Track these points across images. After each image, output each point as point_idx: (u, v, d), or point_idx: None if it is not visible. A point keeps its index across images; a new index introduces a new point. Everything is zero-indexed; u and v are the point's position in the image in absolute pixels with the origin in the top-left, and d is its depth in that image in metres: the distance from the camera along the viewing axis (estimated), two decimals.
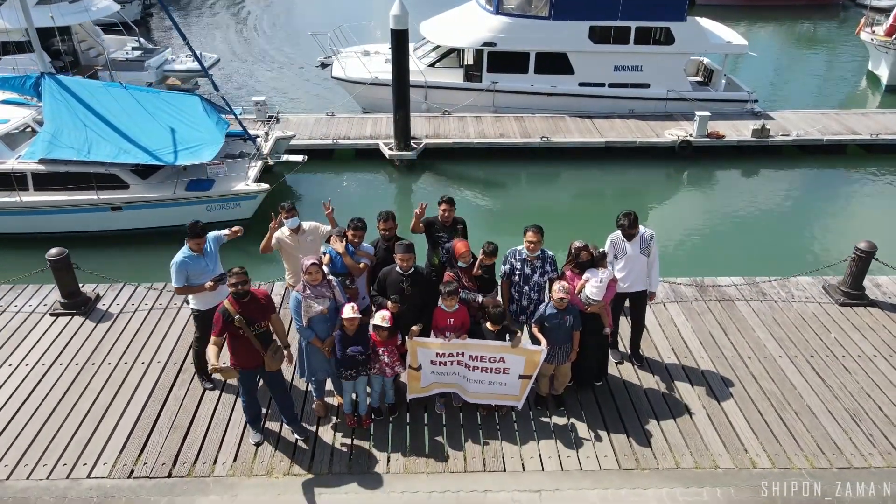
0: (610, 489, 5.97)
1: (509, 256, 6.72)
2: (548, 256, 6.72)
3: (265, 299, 5.96)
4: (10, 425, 6.62)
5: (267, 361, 5.93)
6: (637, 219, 6.86)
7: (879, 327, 8.21)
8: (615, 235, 6.98)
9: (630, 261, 6.92)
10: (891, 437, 6.55)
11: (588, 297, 6.39)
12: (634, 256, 6.91)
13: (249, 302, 5.75)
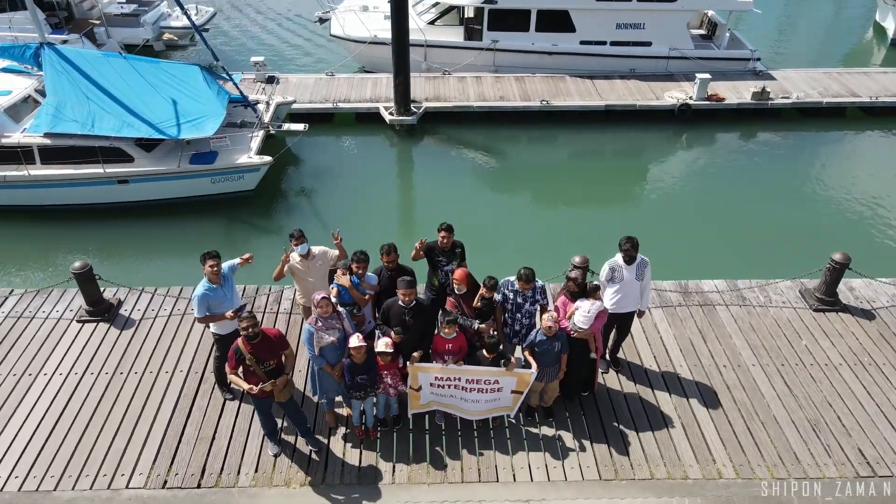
0: (590, 499, 6.73)
1: (503, 287, 7.24)
2: (538, 287, 7.25)
3: (276, 338, 6.51)
4: (52, 436, 7.34)
5: (275, 394, 6.55)
6: (638, 244, 7.32)
7: (848, 334, 8.82)
8: (615, 261, 7.45)
9: (626, 285, 7.46)
10: (846, 448, 7.27)
11: (575, 325, 6.96)
12: (630, 281, 7.45)
13: (260, 343, 6.31)
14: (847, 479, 6.95)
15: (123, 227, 15.78)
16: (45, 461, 7.06)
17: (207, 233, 16.02)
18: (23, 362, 8.30)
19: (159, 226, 16.15)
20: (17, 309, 9.09)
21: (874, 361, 8.40)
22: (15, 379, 8.04)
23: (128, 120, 16.35)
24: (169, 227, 16.23)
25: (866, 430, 7.47)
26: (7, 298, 9.26)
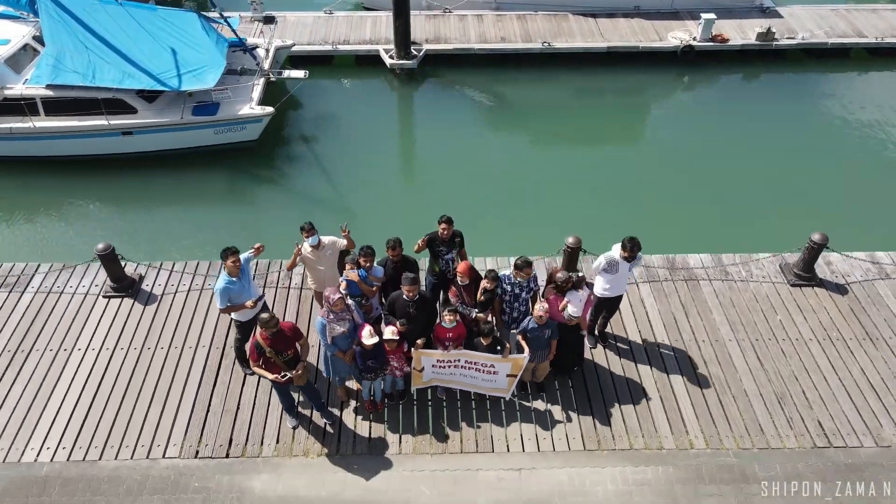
0: (576, 468, 7.59)
1: (501, 282, 7.81)
2: (527, 290, 7.83)
3: (290, 331, 7.16)
4: (91, 410, 8.14)
5: (295, 380, 7.27)
6: (640, 245, 7.79)
7: (821, 309, 9.47)
8: (613, 256, 7.90)
9: (619, 276, 8.02)
10: (806, 421, 8.08)
11: (570, 315, 7.59)
12: (623, 273, 8.01)
13: (277, 337, 6.96)
14: (805, 449, 7.80)
15: (129, 180, 16.17)
16: (88, 433, 7.88)
17: (212, 184, 16.48)
18: (57, 338, 9.01)
19: (164, 177, 16.53)
20: (45, 284, 9.71)
21: (842, 336, 9.10)
22: (52, 354, 8.78)
23: (128, 70, 16.44)
24: (174, 178, 16.62)
25: (827, 403, 8.26)
26: (34, 276, 9.86)
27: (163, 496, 7.28)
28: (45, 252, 13.40)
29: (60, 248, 13.46)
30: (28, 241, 13.82)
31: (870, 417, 8.09)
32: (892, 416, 8.11)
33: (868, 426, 8.00)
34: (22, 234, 14.18)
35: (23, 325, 9.16)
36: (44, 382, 8.44)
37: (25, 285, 9.68)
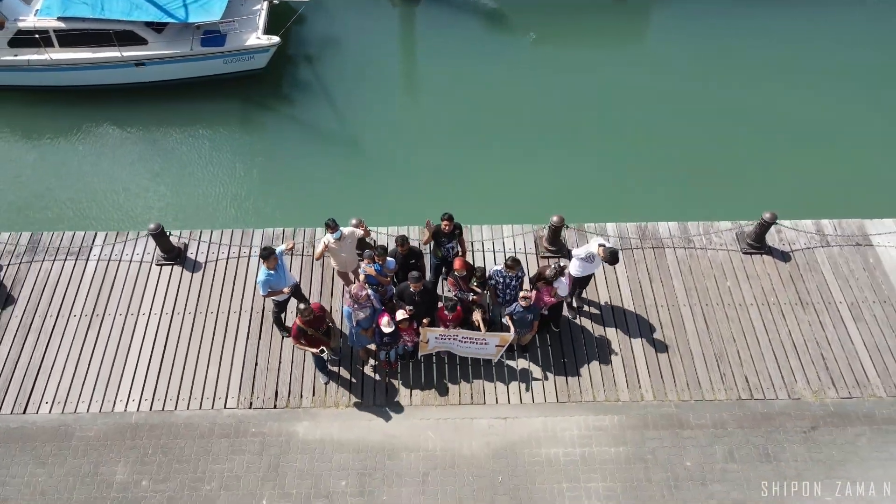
0: (549, 417, 9.67)
1: (495, 275, 9.44)
2: (515, 282, 9.46)
3: (320, 310, 8.94)
4: (162, 368, 10.10)
5: (331, 344, 9.15)
6: (618, 255, 9.35)
7: (764, 275, 11.16)
8: (592, 250, 9.45)
9: (594, 263, 9.64)
10: (736, 377, 10.06)
11: (559, 296, 9.33)
12: (598, 262, 9.61)
13: (313, 319, 8.74)
14: (731, 401, 9.85)
15: (145, 109, 17.35)
16: (163, 388, 9.90)
17: (224, 114, 17.63)
18: (123, 303, 10.80)
19: (177, 107, 17.64)
20: (104, 253, 11.33)
21: (778, 301, 10.86)
22: (122, 318, 10.61)
23: (135, 2, 17.06)
24: (187, 108, 17.72)
25: (755, 362, 10.20)
26: (92, 246, 11.44)
27: (228, 440, 9.42)
28: (74, 177, 15.14)
29: (87, 177, 15.22)
30: (57, 164, 15.47)
31: (787, 374, 10.07)
32: (806, 373, 10.08)
33: (784, 381, 10.00)
34: (51, 158, 15.78)
35: (93, 292, 10.93)
36: (119, 343, 10.35)
37: (87, 254, 11.32)
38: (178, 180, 15.38)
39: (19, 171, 15.91)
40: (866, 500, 9.00)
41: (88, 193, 15.10)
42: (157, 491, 8.98)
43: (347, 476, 9.12)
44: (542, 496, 8.94)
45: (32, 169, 15.93)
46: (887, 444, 9.41)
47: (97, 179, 15.47)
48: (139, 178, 15.50)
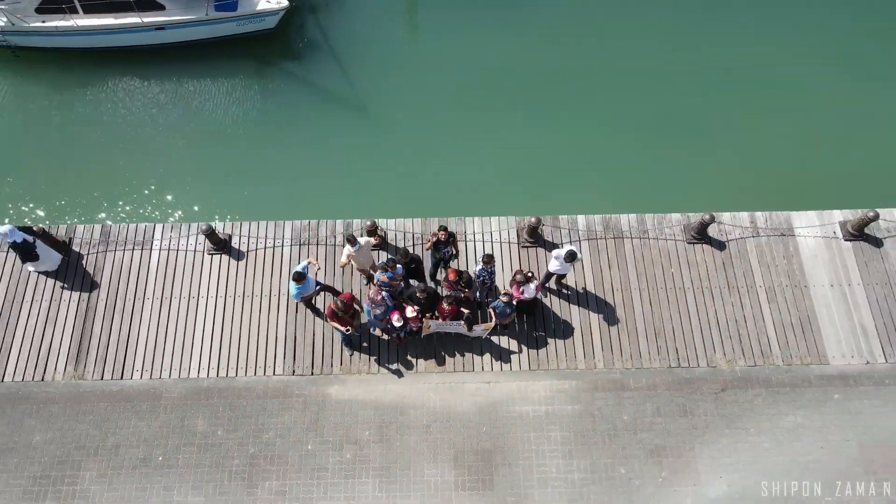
0: (522, 381, 12.63)
1: (480, 273, 12.01)
2: (492, 272, 12.05)
3: (350, 299, 11.62)
4: (223, 341, 12.93)
5: (355, 324, 11.95)
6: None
7: (702, 263, 13.69)
8: (564, 265, 11.98)
9: (568, 266, 12.17)
10: (669, 350, 12.91)
11: (526, 297, 11.99)
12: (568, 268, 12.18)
13: (344, 306, 11.46)
14: (663, 369, 12.77)
15: (167, 70, 19.15)
16: (225, 359, 12.80)
17: (238, 76, 19.42)
18: (185, 287, 13.45)
19: (196, 68, 19.41)
20: (164, 244, 13.80)
21: (710, 285, 13.50)
22: (185, 301, 13.31)
23: None
24: (204, 69, 19.46)
25: (686, 337, 13.02)
26: (153, 239, 13.87)
27: (279, 399, 12.45)
28: (114, 124, 17.78)
29: (119, 123, 17.76)
30: (95, 115, 17.83)
31: (709, 347, 12.93)
32: (723, 346, 12.94)
33: (706, 353, 12.88)
34: (91, 111, 18.06)
35: (159, 277, 13.54)
36: (186, 322, 13.13)
37: (151, 245, 13.80)
38: (218, 176, 17.48)
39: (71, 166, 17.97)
40: (757, 445, 12.17)
41: (140, 185, 17.30)
42: (230, 438, 12.14)
43: (370, 427, 12.24)
44: (514, 442, 12.11)
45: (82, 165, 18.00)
46: (777, 402, 12.45)
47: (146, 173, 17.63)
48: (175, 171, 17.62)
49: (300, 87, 19.28)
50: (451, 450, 12.05)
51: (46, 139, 18.10)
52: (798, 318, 13.21)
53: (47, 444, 12.06)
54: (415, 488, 11.72)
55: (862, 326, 13.10)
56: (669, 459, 12.01)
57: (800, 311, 13.27)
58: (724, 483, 11.81)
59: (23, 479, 11.77)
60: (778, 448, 12.09)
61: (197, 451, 12.04)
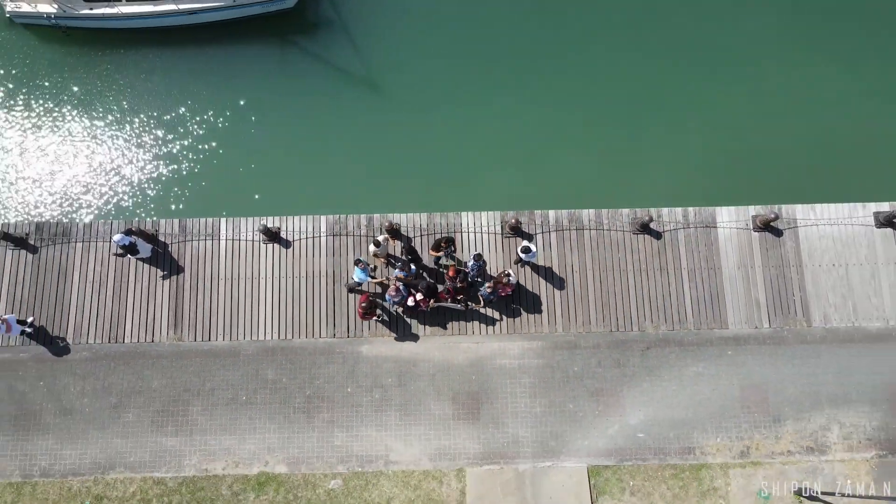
0: (502, 342, 17.30)
1: (473, 267, 16.25)
2: (482, 265, 16.30)
3: (365, 300, 16.05)
4: (281, 312, 17.41)
5: (378, 312, 16.46)
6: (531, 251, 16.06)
7: (643, 249, 17.83)
8: (520, 250, 16.17)
9: (532, 255, 16.39)
10: (612, 318, 17.42)
11: (507, 290, 16.35)
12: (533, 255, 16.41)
13: (370, 304, 15.92)
14: (607, 332, 17.38)
15: (203, 49, 22.38)
16: (284, 325, 17.37)
17: (264, 55, 22.58)
18: (248, 270, 17.70)
19: (227, 47, 22.52)
20: (228, 234, 17.85)
21: (646, 268, 17.74)
22: (250, 281, 17.62)
23: None
24: (234, 48, 22.54)
25: (625, 308, 17.50)
26: (219, 230, 17.87)
27: (325, 356, 17.18)
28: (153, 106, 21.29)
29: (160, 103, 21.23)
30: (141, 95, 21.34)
31: (641, 316, 17.45)
32: (651, 315, 17.45)
33: (638, 321, 17.43)
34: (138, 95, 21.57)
35: (228, 262, 17.76)
36: (252, 297, 17.54)
37: (218, 235, 17.85)
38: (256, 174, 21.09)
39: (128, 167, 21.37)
40: (667, 388, 17.09)
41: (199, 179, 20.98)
42: (291, 383, 17.01)
43: (391, 375, 17.08)
44: (495, 386, 16.99)
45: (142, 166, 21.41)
46: (685, 357, 17.20)
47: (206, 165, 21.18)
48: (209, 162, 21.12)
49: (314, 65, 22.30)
50: (449, 392, 16.98)
51: (99, 122, 21.53)
52: (709, 293, 17.64)
53: (163, 388, 16.96)
54: (424, 419, 16.78)
55: (756, 300, 17.57)
56: (604, 398, 16.97)
57: (711, 288, 17.67)
58: (641, 414, 16.85)
59: (149, 412, 16.80)
60: (682, 390, 17.01)
61: (269, 392, 16.98)
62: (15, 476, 16.33)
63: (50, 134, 21.58)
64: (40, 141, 21.45)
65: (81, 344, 17.18)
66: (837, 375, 17.05)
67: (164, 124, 21.58)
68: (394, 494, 16.27)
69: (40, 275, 17.55)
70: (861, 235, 17.87)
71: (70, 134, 21.60)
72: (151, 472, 16.40)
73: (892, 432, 16.69)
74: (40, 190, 20.82)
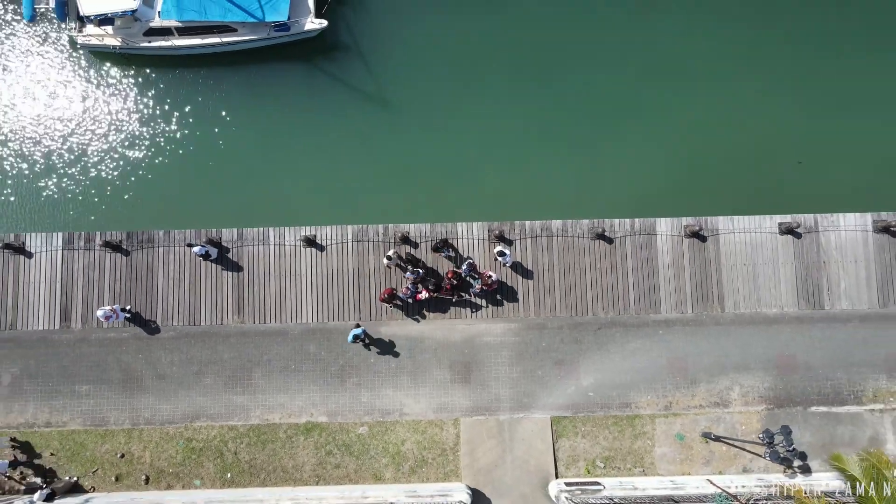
0: (487, 324, 22.69)
1: (464, 268, 21.48)
2: (474, 267, 21.53)
3: (389, 292, 21.34)
4: (319, 301, 22.70)
5: (397, 301, 21.84)
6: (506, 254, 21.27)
7: (598, 252, 22.96)
8: (496, 254, 21.37)
9: (508, 257, 21.61)
10: (573, 306, 22.73)
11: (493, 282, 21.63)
12: (509, 258, 21.61)
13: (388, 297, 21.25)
14: (571, 317, 22.73)
15: (240, 71, 27.05)
16: (321, 311, 22.70)
17: (290, 78, 27.11)
18: (292, 269, 22.86)
19: (262, 70, 27.04)
20: (276, 240, 22.90)
21: (601, 267, 22.93)
22: (295, 278, 22.81)
23: (228, 7, 25.23)
24: (266, 71, 27.05)
25: (583, 298, 22.80)
26: (269, 238, 22.91)
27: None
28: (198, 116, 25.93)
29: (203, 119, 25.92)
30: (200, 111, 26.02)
31: (595, 304, 22.78)
32: (603, 304, 22.75)
33: (593, 308, 22.76)
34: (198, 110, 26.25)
35: (278, 264, 22.91)
36: (296, 289, 22.78)
37: (268, 241, 22.93)
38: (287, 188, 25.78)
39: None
40: (612, 359, 22.61)
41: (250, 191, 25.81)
42: (328, 356, 22.48)
43: (403, 349, 22.54)
44: (482, 358, 22.48)
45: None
46: (627, 335, 22.62)
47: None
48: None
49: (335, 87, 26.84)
50: (447, 361, 22.49)
51: (165, 142, 26.26)
52: (647, 286, 22.92)
53: (232, 359, 22.43)
54: (429, 382, 22.35)
55: (684, 291, 22.87)
56: (565, 366, 22.50)
57: (649, 282, 22.94)
58: (592, 378, 22.42)
59: (223, 377, 22.33)
60: (623, 360, 22.53)
61: (311, 362, 22.48)
62: (126, 424, 22.01)
63: (126, 155, 26.27)
64: (121, 161, 26.16)
65: (168, 326, 22.57)
66: (741, 349, 22.55)
67: (216, 146, 26.31)
68: (406, 437, 22.00)
69: (132, 272, 22.77)
70: (767, 241, 23.03)
71: (143, 155, 26.30)
72: (227, 421, 22.09)
73: (778, 391, 22.32)
74: (129, 204, 25.67)
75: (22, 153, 26.10)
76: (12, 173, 25.82)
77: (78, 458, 21.76)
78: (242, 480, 21.73)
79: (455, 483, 21.56)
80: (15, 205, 25.26)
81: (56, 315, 22.49)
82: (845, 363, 22.46)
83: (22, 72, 26.88)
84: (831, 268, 22.91)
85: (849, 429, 22.08)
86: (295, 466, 21.80)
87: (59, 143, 26.22)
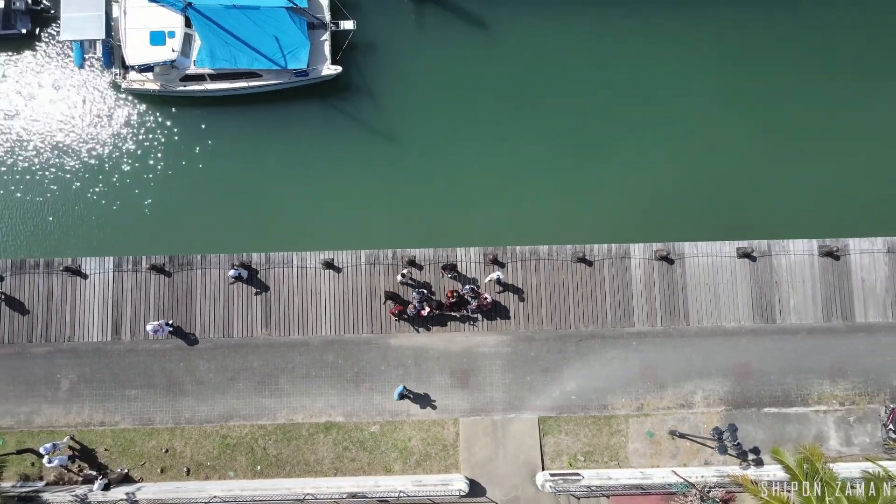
0: (483, 337, 26.07)
1: (466, 290, 24.88)
2: (473, 288, 24.95)
3: (400, 309, 24.74)
4: (338, 316, 26.07)
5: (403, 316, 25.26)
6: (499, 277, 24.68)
7: (580, 273, 26.34)
8: (492, 276, 24.77)
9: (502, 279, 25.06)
10: (557, 321, 26.09)
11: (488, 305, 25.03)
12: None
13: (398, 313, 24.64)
14: (553, 330, 26.09)
15: (265, 110, 30.38)
16: (338, 324, 26.09)
17: (309, 116, 30.44)
18: (314, 288, 26.25)
19: (284, 110, 30.40)
20: (298, 263, 26.29)
21: (581, 286, 26.30)
22: (317, 296, 26.18)
23: (253, 56, 28.72)
24: (288, 111, 30.43)
25: (567, 314, 26.18)
26: (293, 262, 26.29)
27: (366, 346, 26.00)
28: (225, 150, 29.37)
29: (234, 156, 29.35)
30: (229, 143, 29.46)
31: (577, 320, 26.16)
32: (584, 318, 26.12)
33: (575, 322, 26.13)
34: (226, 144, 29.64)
35: (302, 284, 26.27)
36: (316, 305, 26.15)
37: (293, 264, 26.30)
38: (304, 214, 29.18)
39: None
40: (592, 367, 25.96)
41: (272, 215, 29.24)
42: (344, 364, 25.84)
43: (409, 358, 25.92)
44: (478, 366, 25.84)
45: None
46: (605, 346, 25.99)
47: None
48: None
49: (349, 123, 30.27)
50: (448, 369, 25.86)
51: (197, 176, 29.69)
52: (623, 303, 26.31)
53: (261, 366, 25.81)
54: (431, 387, 25.72)
55: (654, 307, 26.25)
56: (550, 374, 25.87)
57: (624, 300, 26.33)
58: (574, 384, 25.79)
59: (253, 382, 25.70)
60: (602, 368, 25.89)
61: (330, 370, 25.85)
62: (169, 423, 25.38)
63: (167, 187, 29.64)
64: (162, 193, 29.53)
65: (205, 338, 25.95)
66: (704, 358, 25.93)
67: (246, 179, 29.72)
68: (412, 435, 25.36)
69: (174, 291, 26.18)
70: (726, 264, 26.45)
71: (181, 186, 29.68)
72: (256, 421, 25.45)
73: (736, 395, 25.68)
74: (171, 231, 29.04)
75: (82, 187, 29.46)
76: (68, 203, 29.21)
77: (128, 452, 25.10)
78: (271, 472, 25.06)
79: (455, 474, 24.86)
80: (72, 232, 28.67)
81: (108, 329, 25.88)
82: (794, 370, 25.84)
83: (75, 113, 30.31)
84: (782, 287, 26.32)
85: (797, 427, 25.43)
86: (316, 460, 25.13)
87: (109, 177, 29.59)
